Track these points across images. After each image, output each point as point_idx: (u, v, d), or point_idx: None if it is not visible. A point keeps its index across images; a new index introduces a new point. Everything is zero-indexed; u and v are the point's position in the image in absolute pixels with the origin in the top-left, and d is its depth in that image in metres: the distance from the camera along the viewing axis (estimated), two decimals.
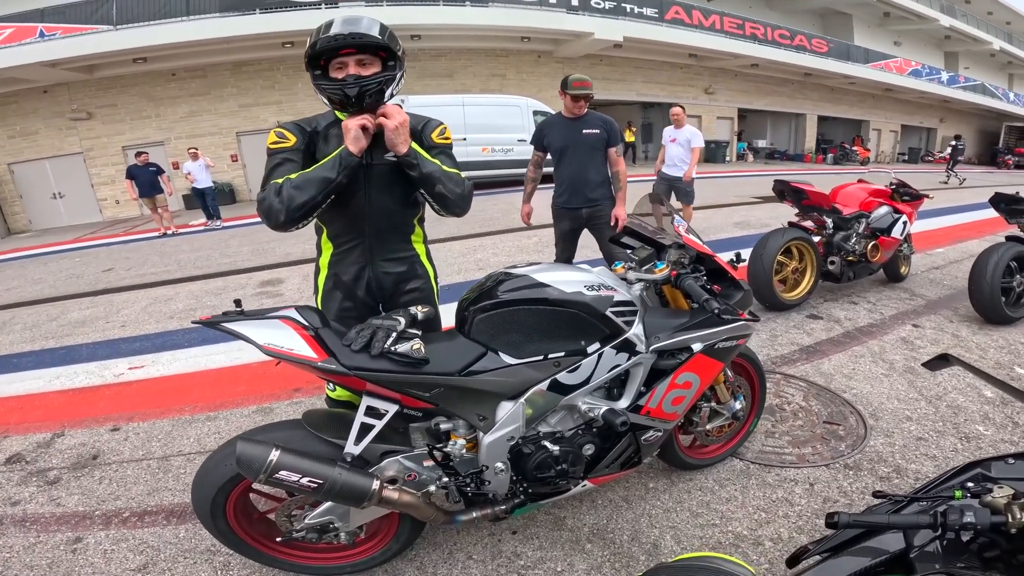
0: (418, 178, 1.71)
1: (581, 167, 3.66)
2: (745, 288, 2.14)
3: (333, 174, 1.61)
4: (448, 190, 1.74)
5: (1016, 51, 27.57)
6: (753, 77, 21.61)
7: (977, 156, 29.45)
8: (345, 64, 1.63)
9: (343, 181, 1.64)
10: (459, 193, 1.77)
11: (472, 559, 1.96)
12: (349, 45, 1.60)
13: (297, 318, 1.52)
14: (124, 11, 12.19)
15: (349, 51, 1.62)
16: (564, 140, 3.67)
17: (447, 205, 1.78)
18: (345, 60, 1.63)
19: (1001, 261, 3.85)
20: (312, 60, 1.65)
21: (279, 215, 1.61)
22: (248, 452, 1.40)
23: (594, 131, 3.61)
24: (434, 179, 1.71)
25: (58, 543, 2.13)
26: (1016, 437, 2.60)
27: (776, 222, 5.40)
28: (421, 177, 1.71)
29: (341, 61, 1.64)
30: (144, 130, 14.33)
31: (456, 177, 1.78)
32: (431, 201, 1.79)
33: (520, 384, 1.69)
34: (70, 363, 4.02)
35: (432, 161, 1.74)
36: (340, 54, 1.62)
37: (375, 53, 1.66)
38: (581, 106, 3.57)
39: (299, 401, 3.18)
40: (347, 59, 1.63)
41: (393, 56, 1.69)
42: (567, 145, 3.67)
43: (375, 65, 1.66)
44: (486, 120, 13.23)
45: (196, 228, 10.75)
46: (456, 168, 1.82)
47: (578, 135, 3.62)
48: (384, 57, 1.68)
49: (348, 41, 1.59)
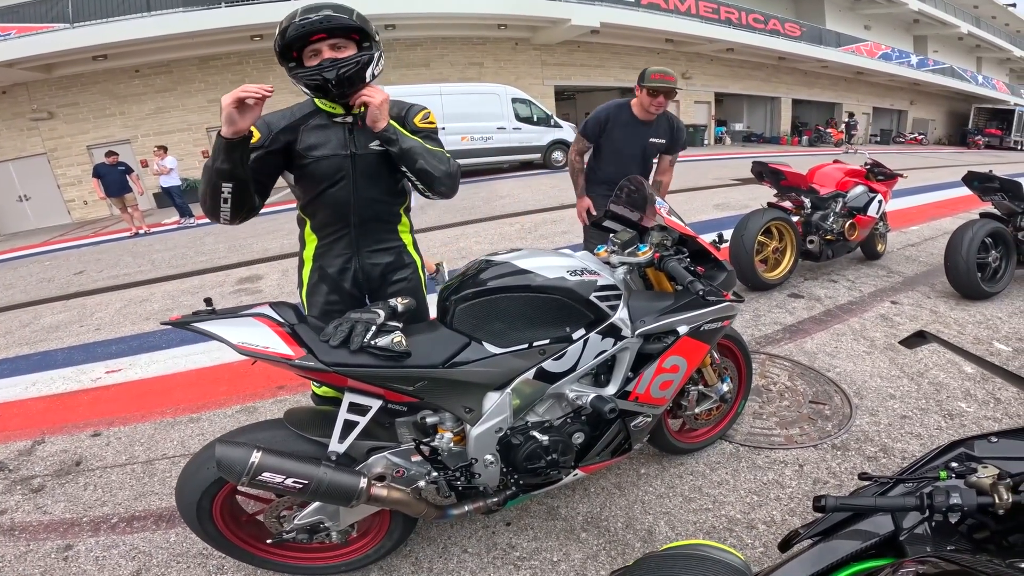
0: (398, 154, 1.65)
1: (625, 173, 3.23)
2: (728, 269, 2.13)
3: (210, 161, 1.52)
4: (431, 166, 1.67)
5: (983, 34, 28.09)
6: (729, 62, 21.77)
7: (948, 137, 30.08)
8: (319, 51, 1.57)
9: (225, 167, 1.49)
10: (444, 170, 1.70)
11: (467, 552, 1.95)
12: (320, 30, 1.54)
13: (272, 315, 1.47)
14: (80, 9, 11.81)
15: (321, 36, 1.56)
16: (627, 145, 3.17)
17: (431, 183, 1.70)
18: (318, 47, 1.57)
19: (976, 237, 3.92)
20: (284, 52, 1.58)
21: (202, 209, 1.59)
22: (228, 455, 1.36)
23: (660, 141, 3.19)
24: (414, 154, 1.65)
25: (49, 551, 2.09)
26: (999, 413, 2.64)
27: (755, 203, 5.43)
28: (401, 153, 1.64)
29: (314, 48, 1.57)
30: (109, 128, 13.94)
31: (440, 155, 1.72)
32: (415, 180, 1.72)
33: (506, 374, 1.66)
34: (46, 369, 3.91)
35: (412, 137, 1.68)
36: (312, 40, 1.56)
37: (348, 36, 1.60)
38: (660, 103, 3.00)
39: (283, 399, 3.12)
40: (320, 45, 1.57)
41: (367, 37, 1.63)
42: (626, 150, 3.19)
43: (350, 48, 1.61)
44: (465, 109, 13.12)
45: (169, 227, 10.49)
46: (442, 149, 1.77)
47: (644, 142, 3.17)
48: (358, 39, 1.63)
49: (318, 26, 1.53)
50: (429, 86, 13.44)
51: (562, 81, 18.84)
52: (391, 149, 1.65)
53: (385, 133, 1.62)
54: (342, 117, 1.70)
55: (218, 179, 1.51)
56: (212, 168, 1.50)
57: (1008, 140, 25.75)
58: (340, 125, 1.71)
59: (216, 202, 1.55)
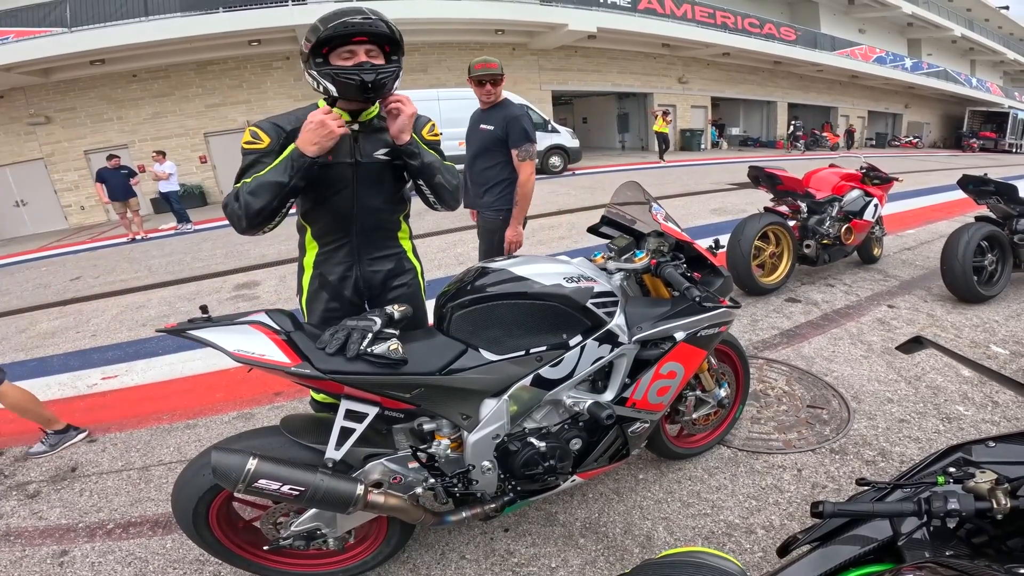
0: (419, 167, 1.68)
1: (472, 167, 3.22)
2: (725, 275, 2.14)
3: (285, 178, 1.53)
4: (447, 180, 1.74)
5: (977, 37, 28.27)
6: (725, 66, 21.86)
7: (943, 140, 30.19)
8: (354, 52, 1.56)
9: (299, 184, 1.55)
10: (455, 184, 1.78)
11: (465, 559, 1.94)
12: (364, 32, 1.53)
13: (268, 322, 1.46)
14: (79, 13, 11.79)
15: (361, 39, 1.55)
16: (472, 140, 3.21)
17: (443, 197, 1.78)
18: (355, 48, 1.56)
19: (972, 241, 3.93)
20: (318, 45, 1.56)
21: (240, 221, 1.57)
22: (224, 462, 1.35)
23: (489, 127, 3.05)
24: (434, 169, 1.70)
25: (44, 557, 2.08)
26: (996, 416, 2.65)
27: (752, 208, 5.46)
28: (422, 167, 1.68)
29: (350, 49, 1.56)
30: (106, 133, 13.90)
31: (452, 168, 1.78)
32: (428, 193, 1.77)
33: (503, 381, 1.65)
34: (42, 375, 3.89)
35: (431, 152, 1.72)
36: (351, 41, 1.55)
37: (382, 46, 1.60)
38: (488, 91, 3.02)
39: (280, 405, 3.11)
40: (357, 47, 1.56)
41: (397, 51, 1.64)
42: (471, 146, 3.21)
43: (380, 57, 1.61)
44: (462, 114, 12.98)
45: (166, 232, 10.47)
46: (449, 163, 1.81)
47: (476, 131, 3.17)
48: (388, 51, 1.63)
49: (364, 28, 1.52)
50: (427, 91, 13.43)
51: (559, 86, 18.89)
52: (411, 162, 1.67)
53: (409, 147, 1.65)
54: (349, 124, 1.68)
55: (291, 194, 1.56)
56: (287, 185, 1.53)
57: (1003, 143, 25.88)
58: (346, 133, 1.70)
59: (274, 215, 1.58)
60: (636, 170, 14.55)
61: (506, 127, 2.99)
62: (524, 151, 3.00)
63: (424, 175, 1.70)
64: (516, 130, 2.98)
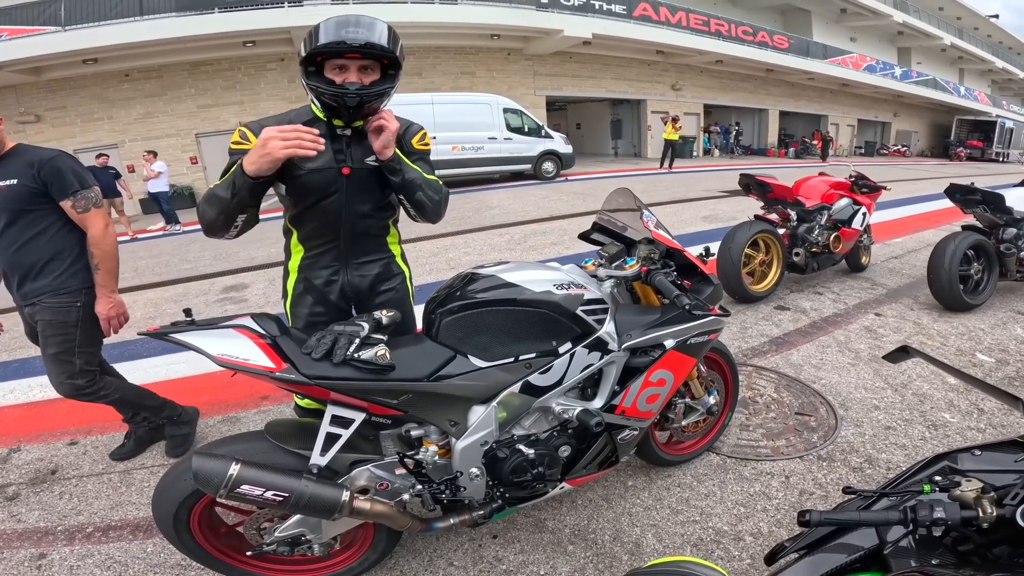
0: (400, 184, 1.67)
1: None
2: (715, 283, 2.14)
3: (227, 195, 1.48)
4: (428, 197, 1.72)
5: (966, 46, 28.73)
6: (718, 73, 22.06)
7: (930, 149, 30.58)
8: (346, 67, 1.54)
9: (245, 201, 1.51)
10: (437, 200, 1.75)
11: (453, 565, 1.92)
12: (356, 52, 1.51)
13: (253, 326, 1.44)
14: (72, 11, 11.73)
15: (354, 56, 1.53)
16: None
17: (424, 212, 1.76)
18: (347, 64, 1.54)
19: (958, 250, 3.97)
20: (310, 56, 1.54)
21: (203, 226, 1.58)
22: (206, 467, 1.33)
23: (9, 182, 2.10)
24: (415, 186, 1.68)
25: (22, 559, 2.04)
26: (982, 424, 2.67)
27: (742, 215, 5.49)
28: (403, 183, 1.67)
29: (342, 63, 1.54)
30: (96, 133, 13.79)
31: (435, 184, 1.75)
32: (408, 207, 1.76)
33: (491, 387, 1.65)
34: (24, 376, 3.82)
35: (414, 168, 1.70)
36: (345, 56, 1.53)
37: (378, 59, 1.58)
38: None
39: (267, 410, 3.08)
40: (349, 63, 1.54)
41: (396, 65, 1.62)
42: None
43: (375, 72, 1.59)
44: (456, 118, 13.15)
45: (155, 233, 10.38)
46: (433, 174, 1.79)
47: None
48: (385, 64, 1.61)
49: (356, 49, 1.50)
50: (421, 95, 13.44)
51: (554, 91, 18.98)
52: (393, 179, 1.66)
53: (391, 163, 1.63)
54: (341, 129, 1.67)
55: (236, 211, 1.53)
56: (231, 202, 1.50)
57: (990, 151, 26.26)
58: (337, 137, 1.68)
59: (227, 228, 1.57)
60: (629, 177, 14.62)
61: (39, 176, 2.12)
62: (82, 198, 2.21)
63: (405, 191, 1.69)
64: (55, 176, 2.14)
